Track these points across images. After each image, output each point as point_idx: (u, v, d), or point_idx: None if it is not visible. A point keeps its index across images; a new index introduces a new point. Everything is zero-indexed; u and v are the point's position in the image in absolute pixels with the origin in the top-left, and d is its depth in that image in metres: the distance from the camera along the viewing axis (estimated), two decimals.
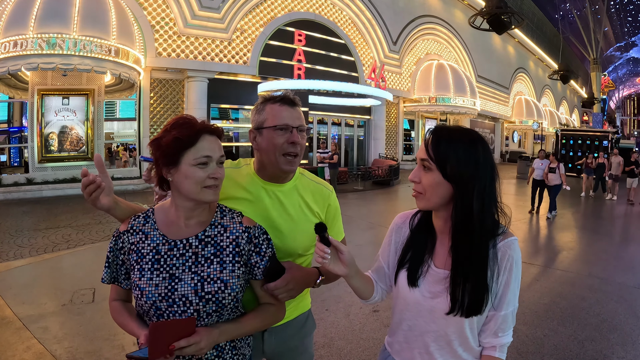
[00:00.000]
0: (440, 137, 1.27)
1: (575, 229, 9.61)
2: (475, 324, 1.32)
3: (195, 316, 1.33)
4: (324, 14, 19.37)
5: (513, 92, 38.11)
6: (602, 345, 3.90)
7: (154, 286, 1.33)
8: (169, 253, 1.37)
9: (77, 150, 13.48)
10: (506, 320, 1.30)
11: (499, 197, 1.30)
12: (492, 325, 1.32)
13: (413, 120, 26.54)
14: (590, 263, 6.72)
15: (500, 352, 1.34)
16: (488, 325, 1.33)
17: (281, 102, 1.61)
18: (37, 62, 10.91)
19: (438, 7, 27.04)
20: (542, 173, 10.98)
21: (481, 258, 1.25)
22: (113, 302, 1.47)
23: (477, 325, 1.33)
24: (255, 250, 1.46)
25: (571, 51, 58.62)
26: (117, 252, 1.42)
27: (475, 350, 1.36)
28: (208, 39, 15.50)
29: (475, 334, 1.34)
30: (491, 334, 1.33)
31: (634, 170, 14.14)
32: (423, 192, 1.29)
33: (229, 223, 1.47)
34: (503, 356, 1.34)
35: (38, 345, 3.63)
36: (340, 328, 4.13)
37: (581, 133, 25.78)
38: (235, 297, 1.40)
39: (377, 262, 1.57)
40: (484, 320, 1.33)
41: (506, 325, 1.31)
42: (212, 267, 1.37)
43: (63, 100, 13.25)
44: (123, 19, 12.79)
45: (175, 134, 1.34)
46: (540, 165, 11.12)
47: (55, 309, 4.46)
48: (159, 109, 15.08)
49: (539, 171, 11.09)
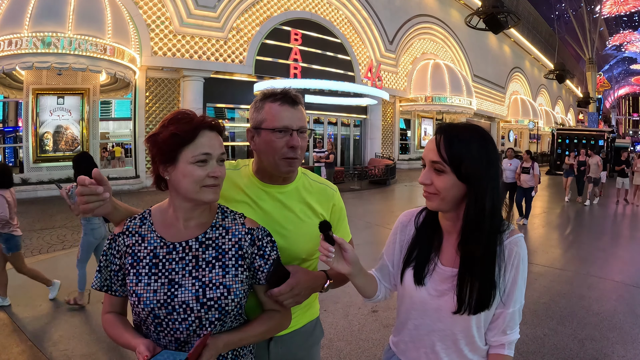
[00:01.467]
0: (452, 137, 1.24)
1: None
2: (482, 322, 1.30)
3: (197, 324, 1.25)
4: (320, 13, 19.34)
5: (509, 92, 38.20)
6: (602, 344, 3.90)
7: (152, 292, 1.24)
8: (167, 257, 1.29)
9: (72, 150, 13.37)
10: (514, 317, 1.30)
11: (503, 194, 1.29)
12: (500, 323, 1.31)
13: (409, 120, 26.55)
14: (587, 262, 6.72)
15: (509, 349, 1.33)
16: (496, 323, 1.32)
17: (282, 100, 1.50)
18: (32, 61, 10.82)
19: (434, 6, 27.05)
20: (513, 175, 9.74)
21: (490, 255, 1.24)
22: (106, 314, 1.38)
23: (484, 324, 1.32)
24: (259, 253, 1.38)
25: (567, 51, 58.78)
26: (112, 256, 1.33)
27: (482, 350, 1.35)
28: (204, 38, 15.44)
29: (482, 333, 1.33)
30: (499, 331, 1.32)
31: (624, 170, 13.55)
32: (437, 193, 1.26)
33: (230, 225, 1.39)
34: (512, 353, 1.34)
35: (33, 348, 3.59)
36: (339, 329, 4.12)
37: (577, 132, 25.90)
38: (238, 304, 1.32)
39: (381, 261, 1.54)
40: (492, 319, 1.32)
41: (514, 322, 1.31)
42: (213, 272, 1.29)
43: (58, 99, 13.16)
44: (118, 18, 12.70)
45: (173, 130, 1.25)
46: (509, 165, 9.86)
47: (50, 311, 4.42)
48: (155, 108, 15.00)
49: (509, 172, 9.77)
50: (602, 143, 23.57)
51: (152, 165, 1.34)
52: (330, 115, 20.47)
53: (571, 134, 25.25)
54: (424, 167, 1.31)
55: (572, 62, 59.76)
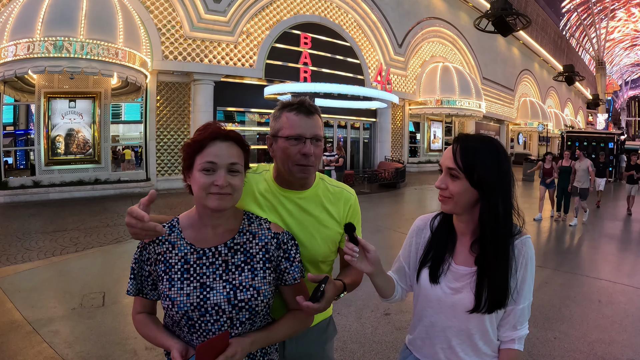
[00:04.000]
0: (466, 147, 1.35)
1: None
2: (494, 317, 1.40)
3: (229, 324, 1.32)
4: (330, 16, 19.36)
5: (518, 94, 38.03)
6: (612, 347, 3.86)
7: (185, 296, 1.31)
8: (198, 262, 1.36)
9: (84, 153, 13.50)
10: (523, 313, 1.40)
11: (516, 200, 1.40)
12: (511, 319, 1.40)
13: (418, 123, 26.48)
14: (599, 266, 6.65)
15: (519, 344, 1.42)
16: (507, 319, 1.41)
17: (297, 110, 1.58)
18: (44, 65, 10.92)
19: (443, 9, 27.01)
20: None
21: (505, 256, 1.34)
22: (138, 315, 1.44)
23: (497, 319, 1.41)
24: (285, 255, 1.45)
25: (576, 52, 58.48)
26: (143, 263, 1.40)
27: (494, 344, 1.43)
28: (214, 42, 15.50)
29: (495, 327, 1.42)
30: (510, 327, 1.41)
31: (634, 176, 11.89)
32: (451, 197, 1.37)
33: (257, 230, 1.45)
34: (521, 348, 1.43)
35: (49, 350, 3.60)
36: (352, 331, 4.10)
37: (586, 135, 25.68)
38: (267, 304, 1.40)
39: (398, 263, 1.65)
40: (503, 315, 1.41)
41: (523, 318, 1.41)
42: (243, 275, 1.36)
43: (70, 103, 13.27)
44: (130, 23, 12.81)
45: (192, 138, 1.35)
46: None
47: (65, 312, 4.43)
48: (166, 112, 15.09)
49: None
50: (612, 145, 23.35)
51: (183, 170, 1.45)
52: (339, 119, 20.45)
53: (581, 137, 25.04)
54: (440, 172, 1.42)
55: (581, 64, 59.46)
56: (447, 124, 28.36)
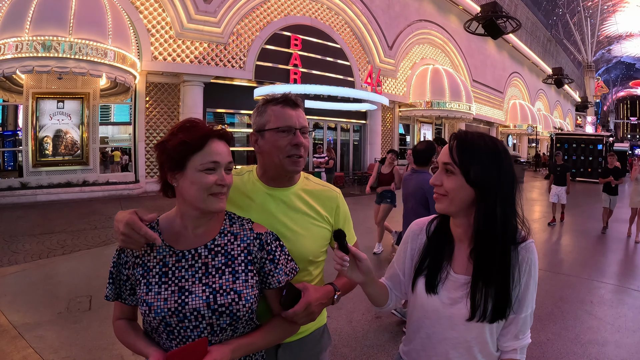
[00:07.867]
0: (464, 142, 1.29)
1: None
2: (494, 328, 1.32)
3: (209, 330, 1.26)
4: (320, 18, 19.36)
5: (507, 97, 38.27)
6: (605, 348, 3.89)
7: (163, 300, 1.25)
8: (176, 265, 1.30)
9: (72, 155, 13.36)
10: (526, 322, 1.32)
11: (520, 205, 1.32)
12: (512, 329, 1.33)
13: (408, 125, 26.56)
14: (589, 266, 6.71)
15: (521, 353, 1.35)
16: (509, 329, 1.33)
17: (283, 103, 1.57)
18: (32, 65, 10.80)
19: (433, 12, 27.10)
20: None
21: (504, 263, 1.26)
22: (117, 321, 1.40)
23: (497, 330, 1.34)
24: (269, 257, 1.39)
25: (565, 55, 59.02)
26: (121, 267, 1.35)
27: (494, 356, 1.36)
28: (204, 43, 15.42)
29: (495, 338, 1.34)
30: (512, 337, 1.33)
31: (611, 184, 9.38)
32: (446, 194, 1.30)
33: (238, 230, 1.40)
34: (523, 358, 1.36)
35: (34, 355, 3.56)
36: (343, 335, 4.10)
37: (576, 137, 25.99)
38: (250, 309, 1.32)
39: (392, 270, 1.56)
40: (504, 324, 1.33)
41: (526, 327, 1.33)
42: (224, 278, 1.30)
43: (58, 103, 13.14)
44: (119, 23, 12.70)
45: (182, 137, 1.27)
46: None
47: (51, 317, 4.38)
48: (155, 113, 14.98)
49: None
50: (601, 147, 23.68)
51: (159, 171, 1.37)
52: (329, 121, 20.45)
53: (570, 139, 25.38)
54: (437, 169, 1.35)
55: (570, 67, 60.02)
56: (437, 126, 28.46)
